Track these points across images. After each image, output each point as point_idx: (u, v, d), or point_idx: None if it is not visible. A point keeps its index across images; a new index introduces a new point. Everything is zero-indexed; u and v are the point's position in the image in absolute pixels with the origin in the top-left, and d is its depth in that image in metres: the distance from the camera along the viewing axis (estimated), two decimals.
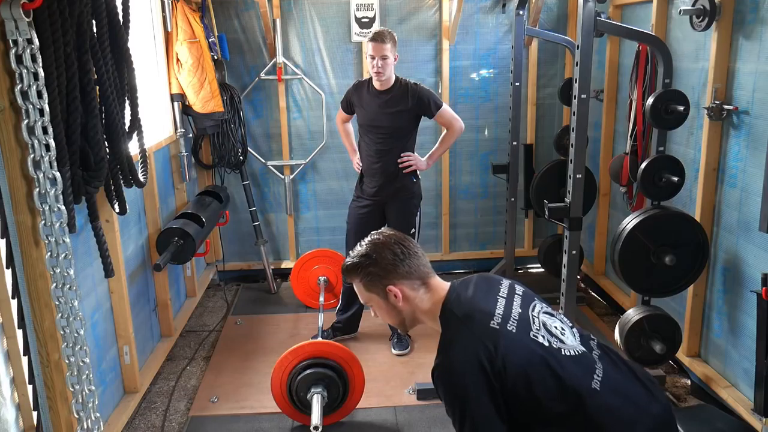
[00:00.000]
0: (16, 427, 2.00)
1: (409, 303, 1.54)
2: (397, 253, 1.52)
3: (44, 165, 1.78)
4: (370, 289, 1.55)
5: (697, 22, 2.68)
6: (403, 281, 1.53)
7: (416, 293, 1.54)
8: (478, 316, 1.45)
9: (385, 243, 1.55)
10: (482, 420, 1.35)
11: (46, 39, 1.75)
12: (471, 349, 1.38)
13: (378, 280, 1.53)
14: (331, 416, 2.72)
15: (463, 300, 1.50)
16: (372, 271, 1.52)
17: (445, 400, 1.39)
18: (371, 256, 1.53)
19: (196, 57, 3.55)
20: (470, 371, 1.35)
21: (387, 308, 1.56)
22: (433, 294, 1.55)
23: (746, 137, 2.56)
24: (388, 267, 1.52)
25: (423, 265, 1.55)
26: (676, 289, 2.79)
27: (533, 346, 1.41)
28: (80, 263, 2.40)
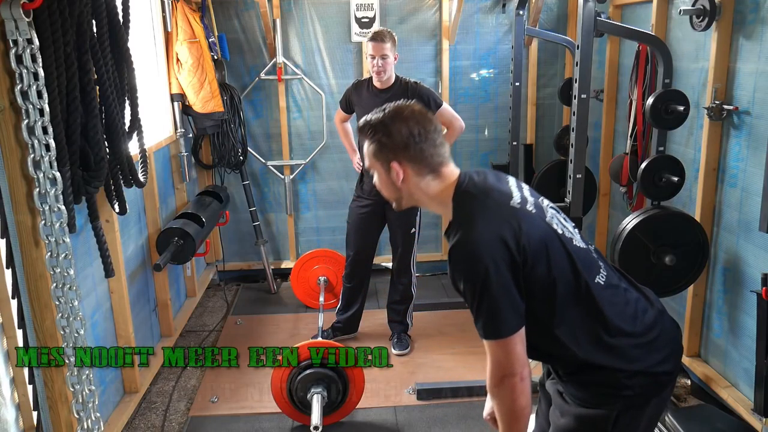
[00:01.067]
0: (16, 427, 2.01)
1: (409, 185, 1.47)
2: (414, 134, 1.42)
3: (44, 165, 1.78)
4: (375, 155, 1.47)
5: (697, 22, 2.68)
6: (411, 163, 1.44)
7: (421, 179, 1.46)
8: (496, 195, 1.42)
9: (406, 118, 1.44)
10: (503, 294, 1.32)
11: (46, 39, 1.75)
12: (493, 224, 1.35)
13: (385, 152, 1.45)
14: (331, 416, 2.72)
15: (477, 182, 1.45)
16: (383, 141, 1.44)
17: (465, 276, 1.34)
18: (386, 126, 1.44)
19: (196, 57, 3.55)
20: (493, 245, 1.32)
21: (387, 181, 1.49)
22: (443, 180, 1.46)
23: (747, 137, 2.56)
24: (398, 144, 1.43)
25: (438, 154, 1.45)
26: (676, 289, 2.79)
27: (550, 229, 1.41)
28: (80, 263, 2.39)
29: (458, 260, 1.35)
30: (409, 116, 1.44)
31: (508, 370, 1.34)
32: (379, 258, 4.25)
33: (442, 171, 1.46)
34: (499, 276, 1.31)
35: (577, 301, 1.40)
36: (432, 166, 1.45)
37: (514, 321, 1.33)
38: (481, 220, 1.36)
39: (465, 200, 1.42)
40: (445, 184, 1.46)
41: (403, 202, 1.53)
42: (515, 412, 1.37)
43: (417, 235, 3.38)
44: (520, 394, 1.35)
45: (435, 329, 3.66)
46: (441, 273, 4.58)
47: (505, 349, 1.33)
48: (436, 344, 3.49)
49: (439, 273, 4.59)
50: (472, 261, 1.32)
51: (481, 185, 1.44)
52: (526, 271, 1.34)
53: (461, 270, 1.35)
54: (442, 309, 3.88)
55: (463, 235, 1.35)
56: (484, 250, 1.31)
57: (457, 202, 1.43)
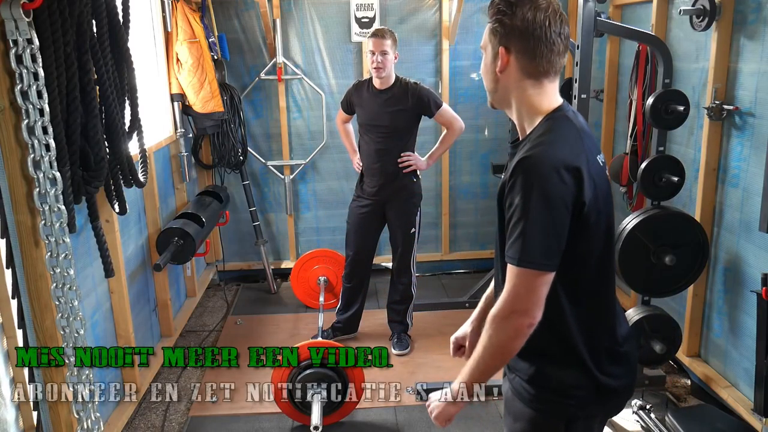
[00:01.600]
0: (16, 427, 2.01)
1: (508, 79, 1.35)
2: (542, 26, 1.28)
3: (44, 165, 1.78)
4: (491, 34, 1.35)
5: (697, 22, 2.68)
6: (521, 57, 1.31)
7: (522, 81, 1.33)
8: (587, 143, 1.33)
9: (540, 6, 1.29)
10: (555, 224, 1.23)
11: (46, 39, 1.75)
12: (578, 157, 1.26)
13: (500, 35, 1.32)
14: (331, 416, 2.72)
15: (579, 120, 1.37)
16: (503, 21, 1.31)
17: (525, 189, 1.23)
18: (513, 6, 1.29)
19: (196, 57, 3.55)
20: (569, 173, 1.23)
21: (489, 66, 1.38)
22: (544, 96, 1.34)
23: (749, 137, 2.56)
24: (517, 29, 1.29)
25: (550, 62, 1.31)
26: (676, 289, 2.79)
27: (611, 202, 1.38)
28: (80, 263, 2.39)
29: (527, 170, 1.24)
30: (546, 6, 1.30)
31: (523, 306, 1.25)
32: (379, 258, 4.25)
33: (544, 83, 1.34)
34: (560, 205, 1.23)
35: (597, 280, 1.37)
36: (539, 71, 1.32)
37: (553, 257, 1.24)
38: (569, 147, 1.28)
39: (561, 123, 1.32)
40: (545, 99, 1.35)
41: (496, 97, 1.41)
42: (505, 350, 1.30)
43: (417, 235, 3.38)
44: (518, 337, 1.27)
45: (435, 329, 3.65)
46: (441, 273, 4.58)
47: (531, 283, 1.24)
48: (436, 344, 3.49)
49: (439, 273, 4.59)
50: (541, 176, 1.22)
51: (583, 125, 1.37)
52: (582, 219, 1.27)
53: (525, 181, 1.23)
54: (442, 309, 3.88)
55: (544, 150, 1.25)
56: (558, 172, 1.22)
57: (551, 120, 1.32)
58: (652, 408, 2.72)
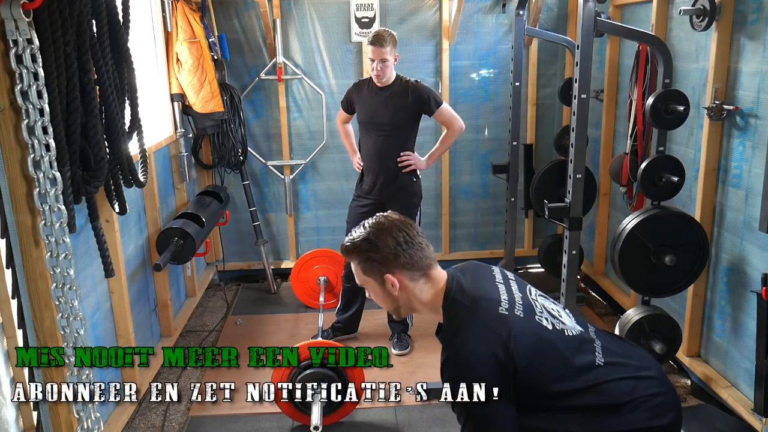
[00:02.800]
0: (16, 427, 2.00)
1: (406, 292, 1.51)
2: (400, 242, 1.46)
3: (44, 165, 1.78)
4: (367, 273, 1.51)
5: (697, 22, 2.68)
6: (403, 271, 1.48)
7: (415, 284, 1.50)
8: (484, 303, 1.44)
9: (389, 229, 1.48)
10: (493, 408, 1.33)
11: (46, 39, 1.75)
12: (482, 337, 1.37)
13: (377, 267, 1.48)
14: (331, 416, 2.72)
15: (465, 288, 1.49)
16: (371, 256, 1.47)
17: (455, 391, 1.36)
18: (372, 242, 1.47)
19: (196, 57, 3.55)
20: (483, 360, 1.35)
21: (383, 294, 1.53)
22: (434, 284, 1.51)
23: (751, 138, 2.56)
24: (388, 255, 1.46)
25: (425, 256, 1.50)
26: (676, 289, 2.79)
27: (541, 331, 1.43)
28: (80, 263, 2.39)
29: (450, 374, 1.39)
30: (390, 226, 1.49)
31: None
32: None
33: (431, 273, 1.51)
34: (489, 392, 1.33)
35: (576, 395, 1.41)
36: (423, 269, 1.49)
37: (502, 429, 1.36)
38: (471, 333, 1.39)
39: (454, 310, 1.46)
40: (435, 288, 1.51)
41: (402, 311, 1.57)
42: None
43: None
44: None
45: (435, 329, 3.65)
46: None
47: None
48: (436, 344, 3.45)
49: None
50: (463, 376, 1.35)
51: (470, 292, 1.48)
52: (519, 376, 1.36)
53: (452, 383, 1.37)
54: None
55: (454, 351, 1.40)
56: (475, 366, 1.35)
57: (446, 310, 1.48)
58: None
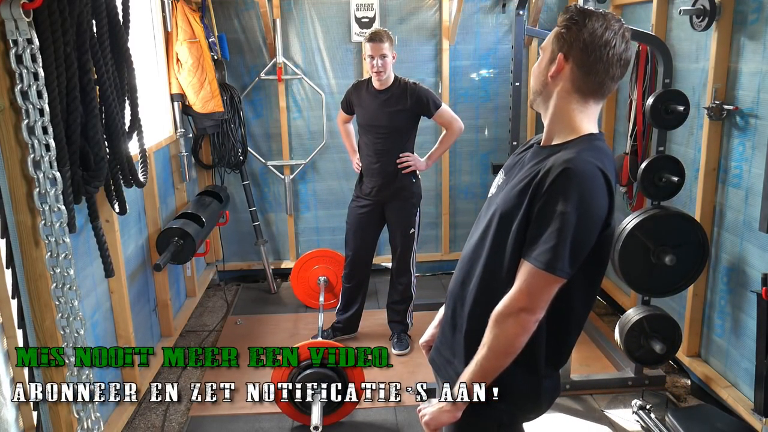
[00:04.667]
0: (16, 427, 2.00)
1: (557, 88, 1.34)
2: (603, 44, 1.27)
3: (44, 165, 1.78)
4: (555, 38, 1.34)
5: (697, 22, 2.68)
6: (578, 70, 1.30)
7: (569, 95, 1.33)
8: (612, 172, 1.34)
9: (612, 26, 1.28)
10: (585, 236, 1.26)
11: (46, 39, 1.75)
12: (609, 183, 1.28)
13: (563, 42, 1.31)
14: (331, 416, 2.72)
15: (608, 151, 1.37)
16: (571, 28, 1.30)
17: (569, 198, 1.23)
18: (586, 21, 1.29)
19: (196, 57, 3.55)
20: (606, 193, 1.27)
21: (541, 68, 1.37)
22: (585, 117, 1.34)
23: (751, 138, 2.56)
24: (584, 44, 1.28)
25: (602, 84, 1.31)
26: (676, 289, 2.79)
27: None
28: (80, 263, 2.39)
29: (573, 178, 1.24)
30: (617, 28, 1.29)
31: (533, 305, 1.27)
32: (379, 258, 4.25)
33: (590, 102, 1.34)
34: (596, 219, 1.26)
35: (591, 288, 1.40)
36: (589, 89, 1.32)
37: (575, 266, 1.27)
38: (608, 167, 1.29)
39: (600, 147, 1.33)
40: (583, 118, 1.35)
41: (539, 99, 1.40)
42: (512, 347, 1.30)
43: (416, 236, 3.38)
44: (526, 332, 1.28)
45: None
46: (441, 273, 4.58)
47: (548, 286, 1.26)
48: None
49: (439, 273, 4.59)
50: (587, 187, 1.24)
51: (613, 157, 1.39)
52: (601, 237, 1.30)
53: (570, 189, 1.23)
54: None
55: (590, 163, 1.26)
56: (602, 188, 1.26)
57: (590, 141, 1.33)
58: (652, 408, 2.72)
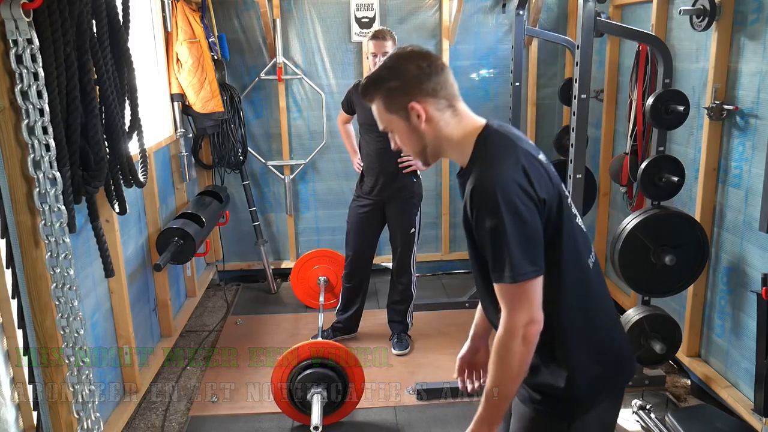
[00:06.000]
0: (16, 427, 2.00)
1: (433, 126, 1.38)
2: (423, 67, 1.35)
3: (44, 165, 1.78)
4: (390, 108, 1.38)
5: (697, 22, 2.68)
6: (428, 99, 1.36)
7: (442, 115, 1.38)
8: (526, 143, 1.38)
9: (410, 56, 1.37)
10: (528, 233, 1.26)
11: (46, 39, 1.75)
12: (518, 164, 1.30)
13: (400, 97, 1.36)
14: (331, 416, 2.72)
15: (507, 129, 1.41)
16: (393, 86, 1.36)
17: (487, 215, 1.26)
18: (394, 69, 1.37)
19: (196, 57, 3.55)
20: (517, 184, 1.27)
21: (408, 132, 1.40)
22: (463, 121, 1.40)
23: (751, 138, 2.56)
24: (411, 81, 1.35)
25: (450, 85, 1.39)
26: (676, 289, 2.79)
27: (564, 193, 1.40)
28: (80, 263, 2.39)
29: (486, 194, 1.27)
30: (410, 54, 1.38)
31: (527, 317, 1.26)
32: (379, 258, 4.25)
33: (458, 106, 1.40)
34: (529, 212, 1.26)
35: (576, 271, 1.38)
36: (448, 98, 1.38)
37: (539, 261, 1.28)
38: (508, 158, 1.31)
39: (492, 139, 1.36)
40: (465, 127, 1.40)
41: (429, 152, 1.44)
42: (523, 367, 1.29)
43: (417, 235, 3.38)
44: (532, 344, 1.28)
45: (435, 329, 3.65)
46: (441, 273, 4.58)
47: (528, 293, 1.26)
48: (436, 344, 3.49)
49: (440, 273, 4.59)
50: (501, 195, 1.25)
51: (512, 131, 1.41)
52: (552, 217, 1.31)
53: (488, 205, 1.27)
54: (442, 309, 3.88)
55: (492, 170, 1.29)
56: (508, 188, 1.26)
57: (483, 140, 1.37)
58: (652, 408, 2.72)
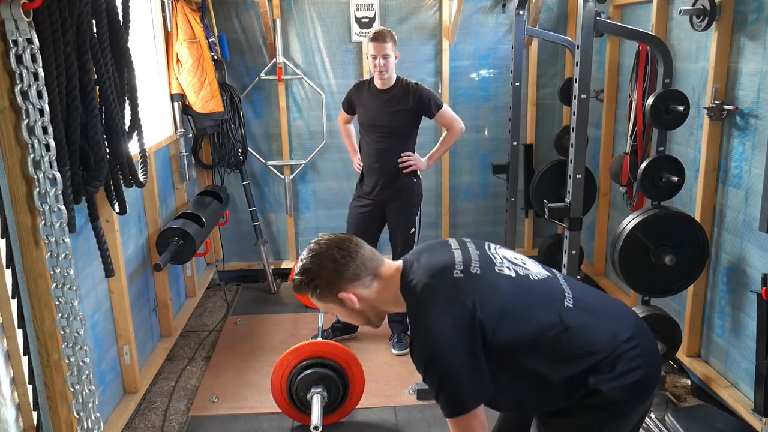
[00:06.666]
0: (16, 427, 2.00)
1: (366, 302, 1.50)
2: (338, 260, 1.46)
3: (44, 165, 1.78)
4: (324, 300, 1.50)
5: (697, 22, 2.68)
6: (354, 284, 1.47)
7: (370, 290, 1.49)
8: (438, 273, 1.44)
9: (323, 252, 1.48)
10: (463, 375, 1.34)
11: (46, 39, 1.76)
12: (442, 309, 1.37)
13: (328, 292, 1.47)
14: (331, 416, 2.72)
15: (419, 266, 1.48)
16: (318, 284, 1.47)
17: (426, 371, 1.37)
18: (312, 271, 1.47)
19: (196, 57, 3.55)
20: (449, 334, 1.34)
21: (348, 313, 1.52)
22: (388, 281, 1.50)
23: (751, 138, 2.56)
24: (332, 277, 1.46)
25: (368, 259, 1.49)
26: (676, 289, 2.79)
27: (501, 283, 1.43)
28: (80, 263, 2.39)
29: (416, 353, 1.39)
30: (323, 249, 1.48)
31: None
32: None
33: (380, 272, 1.50)
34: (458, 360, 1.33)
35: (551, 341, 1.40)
36: (370, 272, 1.48)
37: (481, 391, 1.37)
38: (430, 310, 1.38)
39: (411, 290, 1.44)
40: (391, 283, 1.49)
41: (374, 320, 1.56)
42: None
43: (417, 235, 3.38)
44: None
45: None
46: None
47: (470, 424, 1.38)
48: None
49: None
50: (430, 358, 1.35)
51: (424, 267, 1.47)
52: (491, 338, 1.36)
53: (422, 366, 1.37)
54: None
55: (417, 332, 1.40)
56: (439, 340, 1.34)
57: (404, 293, 1.46)
58: (652, 408, 2.72)
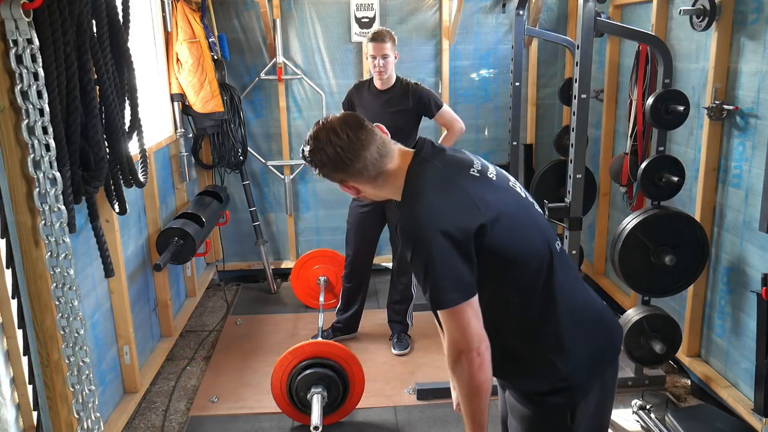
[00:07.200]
0: (16, 427, 2.00)
1: (368, 191, 1.45)
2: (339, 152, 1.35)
3: (44, 165, 1.78)
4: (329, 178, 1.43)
5: (697, 22, 2.68)
6: (357, 178, 1.40)
7: (374, 182, 1.42)
8: (454, 164, 1.40)
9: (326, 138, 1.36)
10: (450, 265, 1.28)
11: (46, 39, 1.76)
12: (446, 195, 1.32)
13: (330, 177, 1.42)
14: (331, 416, 2.72)
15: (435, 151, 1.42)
16: (322, 171, 1.41)
17: (412, 248, 1.30)
18: (313, 160, 1.39)
19: (196, 57, 3.55)
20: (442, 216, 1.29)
21: (350, 191, 1.47)
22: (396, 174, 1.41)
23: (751, 138, 2.56)
24: (334, 168, 1.39)
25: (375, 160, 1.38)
26: (676, 289, 2.79)
27: (511, 196, 1.42)
28: (80, 263, 2.39)
29: (405, 232, 1.32)
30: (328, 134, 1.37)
31: (464, 345, 1.30)
32: (379, 258, 4.25)
33: (387, 169, 1.41)
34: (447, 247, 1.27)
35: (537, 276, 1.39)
36: (378, 169, 1.39)
37: (465, 286, 1.30)
38: (434, 189, 1.33)
39: (418, 171, 1.38)
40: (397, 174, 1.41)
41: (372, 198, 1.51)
42: (475, 387, 1.33)
43: None
44: (478, 370, 1.30)
45: (435, 329, 3.61)
46: None
47: (459, 318, 1.29)
48: (436, 344, 3.48)
49: None
50: (418, 232, 1.29)
51: (440, 157, 1.41)
52: (487, 239, 1.31)
53: (411, 246, 1.31)
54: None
55: (410, 208, 1.34)
56: (431, 221, 1.29)
57: (410, 174, 1.39)
58: (652, 408, 2.72)
